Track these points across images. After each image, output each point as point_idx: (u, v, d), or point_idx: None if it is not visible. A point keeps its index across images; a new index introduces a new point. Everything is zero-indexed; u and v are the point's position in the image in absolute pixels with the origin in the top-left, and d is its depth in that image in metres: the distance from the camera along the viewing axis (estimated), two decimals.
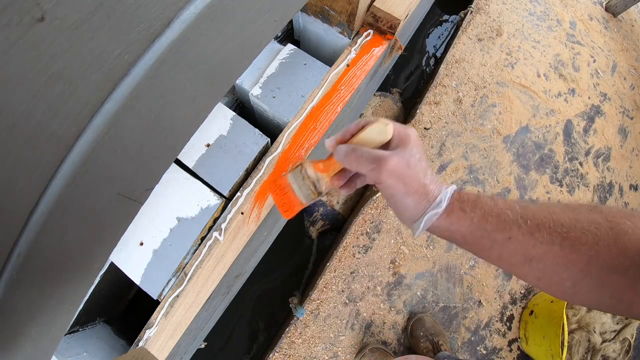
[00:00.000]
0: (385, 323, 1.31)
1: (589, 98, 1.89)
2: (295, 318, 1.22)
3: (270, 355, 1.18)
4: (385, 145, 0.48)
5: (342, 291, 1.29)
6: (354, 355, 1.24)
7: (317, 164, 0.52)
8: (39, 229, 0.32)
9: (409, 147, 0.44)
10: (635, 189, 1.82)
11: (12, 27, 0.22)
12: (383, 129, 0.46)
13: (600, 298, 0.36)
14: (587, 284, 0.36)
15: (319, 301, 1.26)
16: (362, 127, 0.48)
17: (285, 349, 1.20)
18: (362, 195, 1.42)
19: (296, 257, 1.40)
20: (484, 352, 1.38)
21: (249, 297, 1.33)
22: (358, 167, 0.45)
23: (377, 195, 1.33)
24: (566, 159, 1.72)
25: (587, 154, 1.77)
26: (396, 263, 1.36)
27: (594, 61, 1.98)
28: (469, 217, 0.41)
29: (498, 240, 0.39)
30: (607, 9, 2.19)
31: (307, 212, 1.33)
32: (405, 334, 1.33)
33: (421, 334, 1.27)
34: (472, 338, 1.38)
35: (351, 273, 1.31)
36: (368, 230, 1.35)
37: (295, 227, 1.41)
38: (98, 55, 0.28)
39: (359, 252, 1.33)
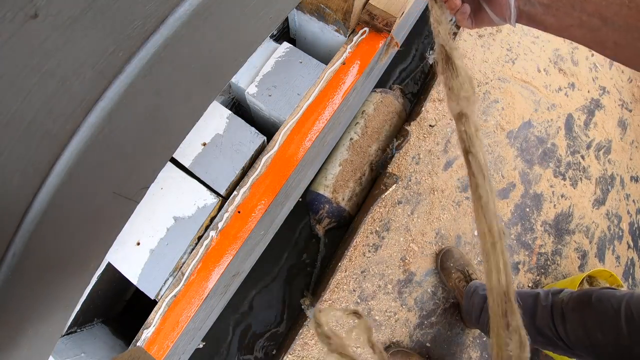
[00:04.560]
0: (397, 321, 1.31)
1: (588, 92, 1.91)
2: (307, 319, 1.22)
3: (284, 357, 1.18)
4: None
5: (354, 290, 1.29)
6: (367, 355, 1.25)
7: None
8: (33, 228, 0.32)
9: None
10: (636, 180, 1.84)
11: (5, 24, 0.22)
12: None
13: None
14: None
15: (330, 301, 1.26)
16: None
17: (299, 350, 1.20)
18: (368, 193, 1.42)
19: (299, 256, 1.40)
20: None
21: (250, 297, 1.32)
22: None
23: (385, 194, 1.33)
24: (568, 152, 1.73)
25: (588, 147, 1.79)
26: (406, 260, 1.37)
27: (592, 55, 2.00)
28: None
29: (577, 2, 0.45)
30: None
31: (312, 210, 1.33)
32: (436, 270, 1.37)
33: (451, 265, 1.32)
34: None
35: (362, 272, 1.31)
36: (377, 228, 1.36)
37: (296, 225, 1.41)
38: (92, 52, 0.28)
39: (369, 251, 1.33)
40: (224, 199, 0.78)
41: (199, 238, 0.75)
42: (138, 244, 0.74)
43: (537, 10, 0.49)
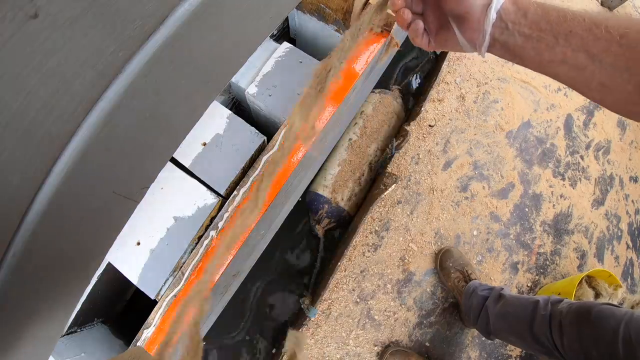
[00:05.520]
0: (396, 320, 1.31)
1: None
2: (307, 319, 1.22)
3: (284, 357, 1.18)
4: None
5: (353, 290, 1.30)
6: (366, 354, 1.25)
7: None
8: (33, 229, 0.32)
9: None
10: (635, 180, 1.84)
11: (5, 24, 0.22)
12: None
13: None
14: None
15: (330, 301, 1.26)
16: None
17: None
18: (367, 193, 1.42)
19: (299, 255, 1.40)
20: (494, 345, 1.39)
21: (250, 296, 1.32)
22: None
23: (384, 194, 1.33)
24: (567, 152, 1.73)
25: (587, 147, 1.78)
26: (405, 260, 1.37)
27: None
28: (532, 5, 0.42)
29: (561, 34, 0.40)
30: (602, 4, 2.19)
31: (312, 210, 1.33)
32: (435, 269, 1.38)
33: (450, 264, 1.33)
34: None
35: (361, 272, 1.32)
36: (377, 228, 1.36)
37: (296, 225, 1.41)
38: (92, 52, 0.28)
39: (368, 251, 1.34)
40: (224, 198, 0.78)
41: (199, 238, 0.75)
42: (138, 244, 0.74)
43: (516, 40, 0.42)
